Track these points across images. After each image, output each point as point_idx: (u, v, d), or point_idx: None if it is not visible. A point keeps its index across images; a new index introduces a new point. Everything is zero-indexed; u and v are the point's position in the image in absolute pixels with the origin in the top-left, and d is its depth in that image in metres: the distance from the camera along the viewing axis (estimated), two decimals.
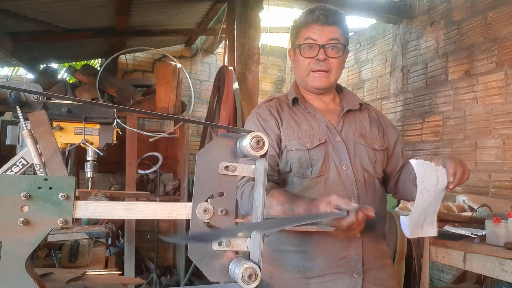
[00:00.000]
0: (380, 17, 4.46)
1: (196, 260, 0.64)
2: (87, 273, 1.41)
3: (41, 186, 0.60)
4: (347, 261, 1.22)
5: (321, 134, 1.28)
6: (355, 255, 1.22)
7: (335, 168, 1.25)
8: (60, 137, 1.26)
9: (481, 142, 3.42)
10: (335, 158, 1.26)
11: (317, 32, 1.27)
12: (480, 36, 3.49)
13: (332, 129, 1.30)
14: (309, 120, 1.32)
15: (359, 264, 1.22)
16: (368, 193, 1.26)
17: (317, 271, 1.22)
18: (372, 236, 1.26)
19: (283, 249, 1.27)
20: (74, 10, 3.59)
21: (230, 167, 0.65)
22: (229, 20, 3.85)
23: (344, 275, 1.22)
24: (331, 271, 1.22)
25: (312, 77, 1.31)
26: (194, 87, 4.69)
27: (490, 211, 2.50)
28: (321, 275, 1.22)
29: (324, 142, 1.26)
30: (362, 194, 1.25)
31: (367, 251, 1.24)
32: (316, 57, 1.27)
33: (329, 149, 1.26)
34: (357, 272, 1.22)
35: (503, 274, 1.93)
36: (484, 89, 3.41)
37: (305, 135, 1.27)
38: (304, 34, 1.29)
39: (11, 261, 0.58)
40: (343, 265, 1.22)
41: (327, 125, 1.30)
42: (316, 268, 1.22)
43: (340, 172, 1.25)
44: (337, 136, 1.29)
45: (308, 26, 1.29)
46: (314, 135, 1.27)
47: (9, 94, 0.80)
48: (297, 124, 1.30)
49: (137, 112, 3.51)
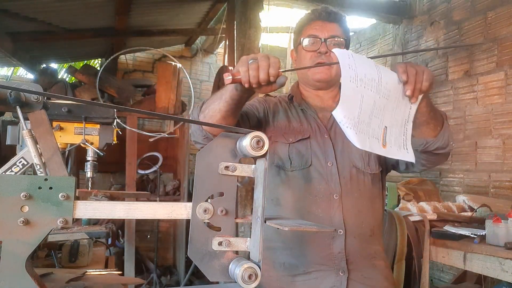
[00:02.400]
0: (380, 17, 4.46)
1: (196, 260, 0.64)
2: (87, 273, 1.41)
3: (41, 186, 0.60)
4: (330, 259, 1.22)
5: (307, 130, 1.29)
6: (338, 253, 1.22)
7: (319, 164, 1.25)
8: (60, 137, 1.26)
9: (481, 142, 3.42)
10: (319, 154, 1.26)
11: (319, 28, 1.30)
12: (480, 36, 3.49)
13: (322, 126, 1.31)
14: (301, 117, 1.33)
15: (343, 262, 1.21)
16: (353, 191, 1.25)
17: (302, 268, 1.22)
18: (357, 235, 1.24)
19: (271, 246, 1.27)
20: (74, 10, 3.59)
21: (230, 167, 0.65)
22: (229, 20, 3.85)
23: (330, 273, 1.21)
24: (315, 268, 1.22)
25: (314, 70, 1.32)
26: (194, 87, 4.69)
27: (490, 211, 2.50)
28: (306, 272, 1.22)
29: (307, 137, 1.27)
30: (346, 191, 1.23)
31: (352, 250, 1.22)
32: (318, 50, 1.29)
33: (312, 145, 1.27)
34: (342, 270, 1.21)
35: (503, 274, 1.93)
36: (484, 89, 3.41)
37: (291, 131, 1.29)
38: (307, 31, 1.32)
39: (11, 261, 0.58)
40: (327, 263, 1.22)
41: (316, 122, 1.31)
42: (300, 265, 1.22)
43: (323, 168, 1.25)
44: (326, 133, 1.29)
45: (311, 23, 1.32)
46: (300, 131, 1.29)
47: (9, 94, 0.80)
48: (288, 119, 1.32)
49: (137, 112, 3.51)
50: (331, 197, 1.23)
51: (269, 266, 1.26)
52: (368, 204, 1.27)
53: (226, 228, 0.65)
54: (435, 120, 1.11)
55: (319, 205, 1.23)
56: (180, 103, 4.18)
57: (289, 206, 1.26)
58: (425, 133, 1.11)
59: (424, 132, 1.11)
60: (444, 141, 1.13)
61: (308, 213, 1.23)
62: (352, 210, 1.24)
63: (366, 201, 1.27)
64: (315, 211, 1.22)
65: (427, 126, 1.10)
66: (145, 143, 4.08)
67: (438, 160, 1.24)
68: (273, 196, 1.29)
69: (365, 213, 1.27)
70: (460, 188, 3.55)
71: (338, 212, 1.22)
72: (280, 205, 1.27)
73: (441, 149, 1.14)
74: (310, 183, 1.24)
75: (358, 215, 1.24)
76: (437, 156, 1.19)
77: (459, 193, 3.24)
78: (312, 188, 1.24)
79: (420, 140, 1.12)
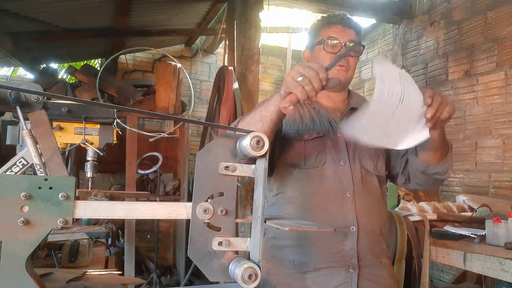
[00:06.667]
0: (380, 17, 4.46)
1: (196, 260, 0.64)
2: (87, 273, 1.41)
3: (41, 186, 0.60)
4: (342, 256, 1.23)
5: (321, 129, 1.31)
6: (350, 250, 1.23)
7: (332, 163, 1.27)
8: (60, 137, 1.26)
9: (481, 142, 3.42)
10: (333, 153, 1.28)
11: (339, 32, 1.33)
12: (480, 36, 3.49)
13: (334, 125, 1.33)
14: (313, 115, 1.35)
15: (354, 258, 1.23)
16: (364, 190, 1.28)
17: (312, 266, 1.23)
18: (368, 232, 1.27)
19: (280, 244, 1.29)
20: (74, 10, 3.59)
21: (230, 167, 0.65)
22: (229, 20, 3.85)
23: (340, 270, 1.22)
24: (326, 265, 1.23)
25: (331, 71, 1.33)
26: (194, 87, 4.69)
27: (490, 211, 2.50)
28: (316, 269, 1.23)
29: (322, 136, 1.30)
30: (358, 189, 1.27)
31: (363, 247, 1.25)
32: (338, 52, 1.31)
33: (326, 143, 1.29)
34: (353, 266, 1.23)
35: (503, 274, 1.93)
36: (484, 89, 3.41)
37: (305, 128, 1.31)
38: (326, 33, 1.34)
39: (11, 261, 0.58)
40: (338, 260, 1.23)
41: (329, 121, 1.33)
42: (311, 262, 1.23)
43: (337, 167, 1.27)
44: (338, 132, 1.31)
45: (330, 26, 1.35)
46: (314, 129, 1.31)
47: (9, 94, 0.80)
48: (300, 116, 1.34)
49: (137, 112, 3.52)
50: (344, 195, 1.25)
51: (278, 264, 1.27)
52: (376, 204, 1.30)
53: (226, 228, 0.65)
54: (442, 150, 1.19)
55: (333, 202, 1.25)
56: (180, 103, 4.18)
57: (302, 203, 1.28)
58: (430, 157, 1.21)
59: (430, 156, 1.20)
60: (444, 168, 1.22)
61: (322, 210, 1.25)
62: (364, 208, 1.26)
63: (374, 201, 1.30)
64: (329, 208, 1.24)
65: (434, 152, 1.19)
66: (145, 143, 4.08)
67: (433, 185, 1.33)
68: (285, 194, 1.30)
69: (374, 212, 1.30)
70: (460, 188, 3.55)
71: (351, 209, 1.25)
72: (292, 203, 1.28)
73: (439, 174, 1.24)
74: (324, 181, 1.26)
75: (368, 213, 1.27)
76: (433, 181, 1.29)
77: (459, 193, 3.23)
78: (326, 186, 1.26)
79: (423, 162, 1.23)
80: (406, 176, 1.35)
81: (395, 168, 1.38)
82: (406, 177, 1.35)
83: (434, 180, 1.28)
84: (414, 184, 1.35)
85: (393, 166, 1.38)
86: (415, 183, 1.33)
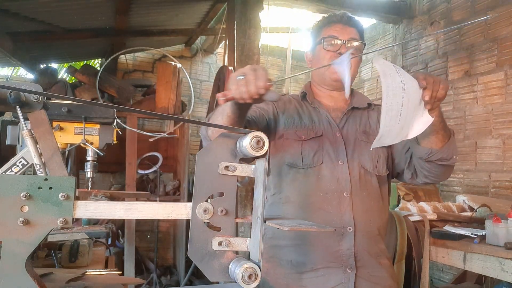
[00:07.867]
0: (380, 17, 4.46)
1: (196, 260, 0.64)
2: (87, 273, 1.41)
3: (41, 186, 0.60)
4: (339, 256, 1.23)
5: (319, 128, 1.30)
6: (347, 250, 1.23)
7: (330, 162, 1.27)
8: (60, 137, 1.26)
9: (481, 142, 3.42)
10: (331, 153, 1.28)
11: (340, 31, 1.32)
12: (480, 36, 3.49)
13: (334, 124, 1.32)
14: (312, 115, 1.35)
15: (351, 259, 1.23)
16: (362, 190, 1.27)
17: (309, 266, 1.23)
18: (366, 232, 1.26)
19: (278, 244, 1.29)
20: (74, 10, 3.59)
21: (230, 167, 0.65)
22: (229, 20, 3.85)
23: (337, 270, 1.22)
24: (323, 265, 1.23)
25: (332, 69, 1.32)
26: (194, 87, 4.69)
27: (490, 211, 2.50)
28: (313, 269, 1.23)
29: (320, 136, 1.29)
30: (356, 189, 1.26)
31: (360, 247, 1.24)
32: (338, 51, 1.30)
33: (324, 143, 1.28)
34: (350, 267, 1.22)
35: (503, 274, 1.93)
36: (484, 89, 3.41)
37: (303, 128, 1.31)
38: (327, 32, 1.34)
39: (11, 261, 0.58)
40: (335, 260, 1.23)
41: (328, 120, 1.33)
42: (308, 262, 1.23)
43: (334, 167, 1.26)
44: (337, 132, 1.31)
45: (331, 25, 1.34)
46: (312, 129, 1.30)
47: (9, 94, 0.80)
48: (299, 116, 1.34)
49: (137, 112, 3.51)
50: (341, 195, 1.25)
51: (276, 264, 1.27)
52: (375, 204, 1.29)
53: (226, 228, 0.65)
54: (444, 131, 1.16)
55: (330, 202, 1.24)
56: (180, 103, 4.18)
57: (299, 203, 1.27)
58: (432, 142, 1.17)
59: (432, 141, 1.16)
60: (448, 152, 1.18)
61: (319, 210, 1.24)
62: (361, 208, 1.25)
63: (373, 201, 1.29)
64: (326, 208, 1.24)
65: (436, 135, 1.15)
66: (145, 143, 4.08)
67: (441, 173, 1.26)
68: (282, 194, 1.30)
69: (372, 213, 1.29)
70: (460, 188, 3.55)
71: (348, 209, 1.24)
72: (290, 203, 1.28)
73: (444, 160, 1.19)
74: (321, 181, 1.26)
75: (366, 213, 1.26)
76: (440, 168, 1.23)
77: (459, 193, 3.24)
78: (323, 186, 1.25)
79: (425, 149, 1.18)
80: (412, 170, 1.31)
81: (400, 165, 1.35)
82: (413, 171, 1.31)
83: (441, 168, 1.22)
84: (422, 177, 1.29)
85: (398, 163, 1.35)
86: (422, 175, 1.28)
